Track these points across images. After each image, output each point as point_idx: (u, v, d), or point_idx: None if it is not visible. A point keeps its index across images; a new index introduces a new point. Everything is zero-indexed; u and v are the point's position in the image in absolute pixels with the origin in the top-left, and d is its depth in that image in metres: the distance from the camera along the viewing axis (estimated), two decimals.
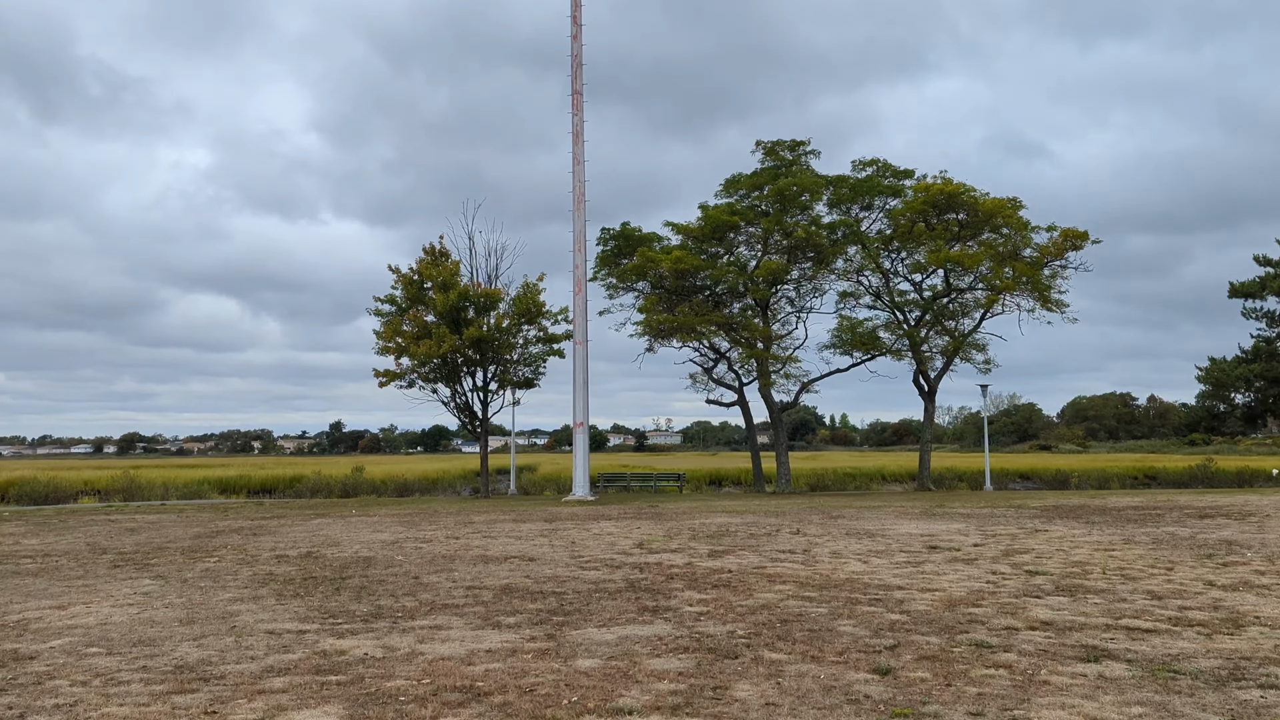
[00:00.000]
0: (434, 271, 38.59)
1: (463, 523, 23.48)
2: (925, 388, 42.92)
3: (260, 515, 28.56)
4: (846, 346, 40.93)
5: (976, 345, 41.84)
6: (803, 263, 41.52)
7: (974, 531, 19.11)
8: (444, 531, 20.69)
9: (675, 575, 12.94)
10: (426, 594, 11.62)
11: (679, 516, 24.65)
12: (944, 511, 25.47)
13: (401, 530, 21.30)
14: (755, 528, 20.58)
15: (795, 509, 27.62)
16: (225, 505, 36.66)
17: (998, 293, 39.76)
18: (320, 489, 48.52)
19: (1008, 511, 25.07)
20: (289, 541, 18.94)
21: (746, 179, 41.46)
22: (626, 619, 9.69)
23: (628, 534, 19.52)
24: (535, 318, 39.59)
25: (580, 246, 36.12)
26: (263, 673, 7.61)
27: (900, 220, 41.19)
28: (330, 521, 25.01)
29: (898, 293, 42.70)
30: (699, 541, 17.62)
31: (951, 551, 15.52)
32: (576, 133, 36.36)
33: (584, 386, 35.75)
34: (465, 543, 17.98)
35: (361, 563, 15.02)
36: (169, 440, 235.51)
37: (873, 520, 22.48)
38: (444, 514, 27.37)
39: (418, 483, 51.18)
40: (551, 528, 21.39)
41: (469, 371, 39.95)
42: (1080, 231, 39.25)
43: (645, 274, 40.83)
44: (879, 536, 18.20)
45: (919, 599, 10.67)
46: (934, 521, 21.93)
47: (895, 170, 41.94)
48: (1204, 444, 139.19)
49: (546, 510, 28.64)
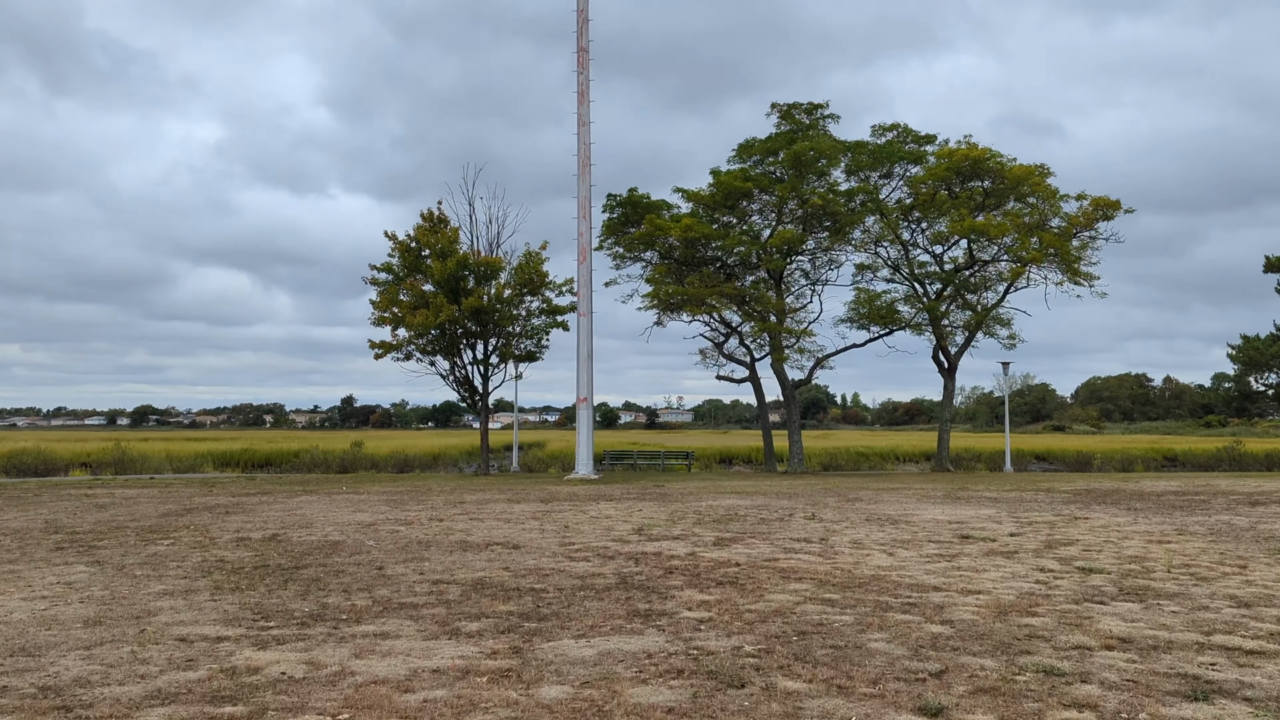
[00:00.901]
0: (432, 239, 36.90)
1: (453, 502, 21.93)
2: (945, 364, 41.06)
3: (245, 491, 27.10)
4: (864, 320, 39.05)
5: (1000, 320, 39.88)
6: (819, 232, 39.63)
7: (1006, 518, 17.44)
8: (429, 512, 19.14)
9: (675, 569, 11.32)
10: (385, 589, 10.03)
11: (685, 498, 23.05)
12: (968, 495, 23.79)
13: (385, 510, 19.76)
14: (766, 511, 18.96)
15: (809, 490, 25.99)
16: (215, 480, 35.26)
17: (1024, 265, 37.76)
18: (318, 464, 47.08)
19: (1037, 495, 23.38)
20: (259, 522, 17.41)
21: (761, 144, 39.49)
22: (612, 627, 8.07)
23: (627, 517, 17.92)
24: (538, 288, 37.89)
25: (585, 213, 34.39)
26: (143, 700, 6.02)
27: (921, 188, 39.23)
28: (314, 499, 23.51)
29: (917, 264, 40.78)
30: (704, 527, 16.00)
31: (986, 542, 13.86)
32: (582, 92, 34.55)
33: (588, 360, 34.12)
34: (448, 526, 16.40)
35: (326, 548, 13.45)
36: (181, 413, 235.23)
37: (893, 504, 20.83)
38: (436, 492, 25.85)
39: (419, 459, 49.72)
40: (546, 509, 19.81)
41: (468, 344, 38.33)
42: (1112, 200, 37.24)
43: (653, 243, 39.03)
44: (903, 523, 16.55)
45: (961, 604, 9.02)
46: (960, 506, 20.26)
47: (916, 136, 39.85)
48: (1220, 425, 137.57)
49: (545, 489, 27.09)
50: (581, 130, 34.52)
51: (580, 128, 34.46)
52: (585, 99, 34.53)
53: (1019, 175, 37.43)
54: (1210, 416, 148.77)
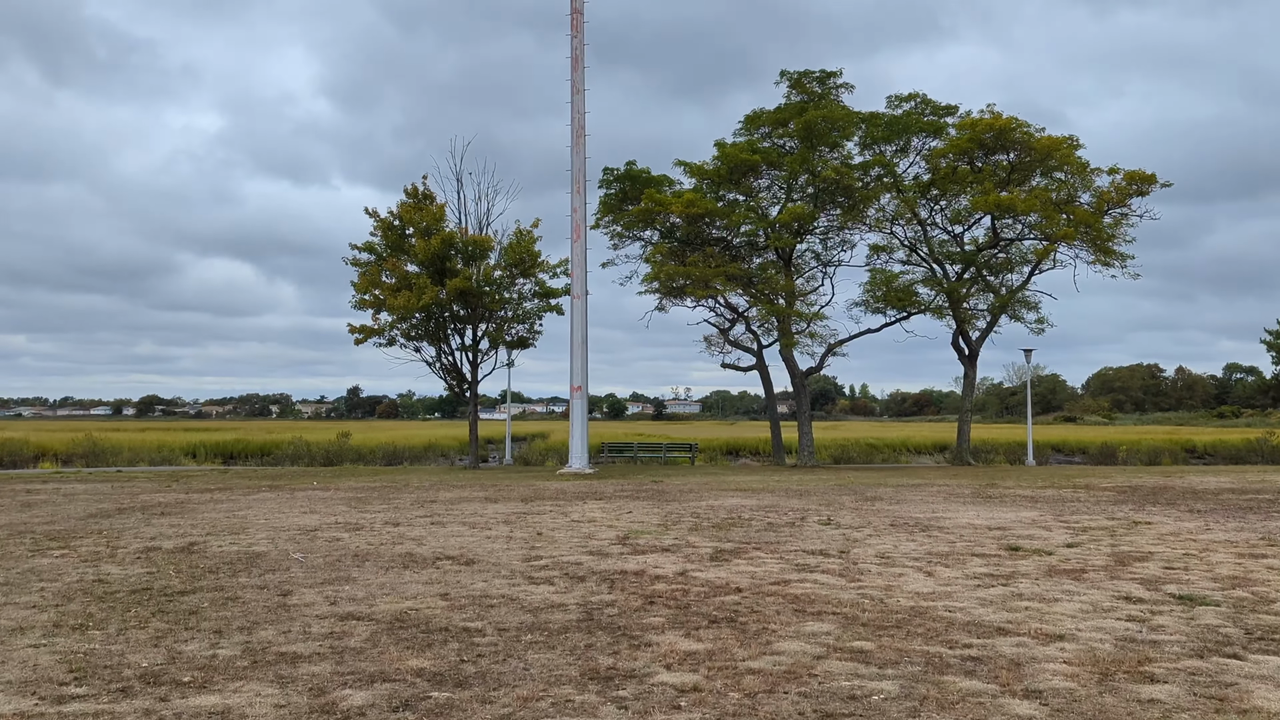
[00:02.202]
0: (416, 216, 34.46)
1: (423, 501, 19.54)
2: (966, 350, 38.45)
3: (205, 486, 24.79)
4: (880, 303, 36.43)
5: (1027, 303, 37.22)
6: (831, 209, 36.99)
7: (1054, 523, 14.98)
8: (389, 514, 16.76)
9: (658, 597, 8.89)
10: (273, 629, 7.63)
11: (684, 496, 20.63)
12: (1000, 493, 21.32)
13: (341, 511, 17.39)
14: (775, 514, 16.53)
15: (822, 487, 23.55)
16: (182, 474, 32.95)
17: (1055, 243, 35.06)
18: (301, 456, 44.79)
19: (1078, 494, 20.90)
20: (187, 526, 15.05)
21: (769, 114, 36.77)
22: (554, 701, 5.65)
23: (614, 520, 15.52)
24: (530, 269, 35.46)
25: (579, 187, 31.91)
26: None
27: (941, 162, 36.56)
28: (272, 497, 21.17)
29: (937, 244, 38.09)
30: (701, 534, 13.58)
31: (1041, 556, 11.42)
32: (576, 57, 32.04)
33: (582, 346, 31.68)
34: (401, 532, 14.01)
35: (240, 564, 11.07)
36: (188, 403, 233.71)
37: (919, 504, 18.38)
38: (410, 489, 23.48)
39: (408, 451, 47.39)
40: (524, 510, 17.41)
41: (456, 329, 35.92)
42: (1147, 174, 34.51)
43: (653, 221, 36.45)
44: (935, 530, 14.10)
45: (1043, 659, 6.57)
46: (995, 507, 17.81)
47: (936, 106, 37.06)
48: (1234, 416, 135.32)
49: (533, 485, 24.69)
50: (575, 98, 32.02)
51: (574, 95, 31.96)
52: (579, 65, 32.03)
53: (1047, 146, 34.71)
54: (1224, 407, 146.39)
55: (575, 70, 31.97)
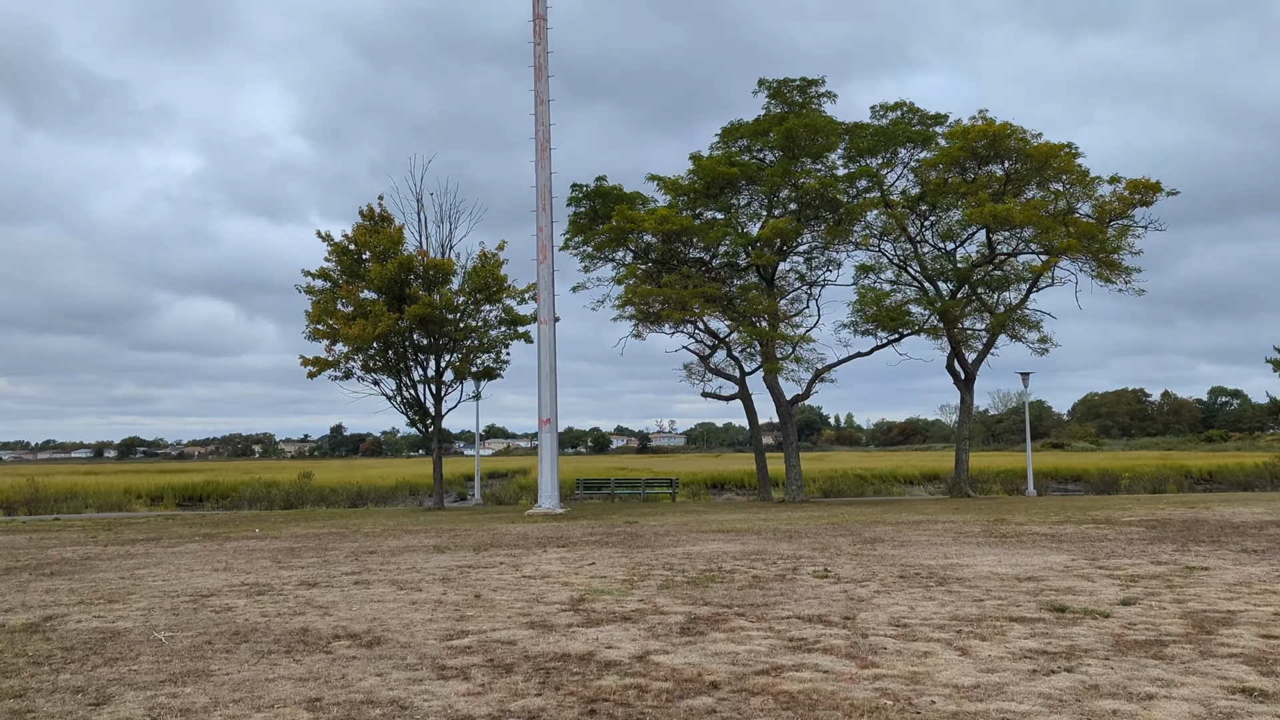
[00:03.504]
0: (372, 239, 32.12)
1: (360, 552, 17.09)
2: (962, 374, 36.17)
3: (128, 538, 22.22)
4: (869, 324, 34.09)
5: (1027, 321, 34.99)
6: (816, 225, 34.75)
7: (1092, 570, 12.67)
8: (312, 571, 14.32)
9: (603, 700, 6.51)
10: None
11: (658, 540, 18.24)
12: (1014, 531, 19.00)
13: (260, 568, 14.94)
14: (761, 562, 14.16)
15: (813, 526, 21.19)
16: (120, 521, 30.32)
17: (1056, 255, 32.85)
18: (260, 499, 42.12)
19: (1101, 531, 18.60)
20: (64, 592, 12.60)
21: (748, 126, 34.56)
22: None
23: (573, 574, 13.13)
24: (496, 295, 33.13)
25: (545, 203, 29.68)
26: None
27: (931, 174, 34.47)
28: (195, 549, 18.72)
29: (929, 261, 35.83)
30: (673, 593, 11.20)
31: (1097, 619, 9.10)
32: (539, 66, 29.92)
33: (550, 375, 29.33)
34: (312, 597, 11.59)
35: (82, 649, 8.64)
36: (170, 444, 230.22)
37: (926, 546, 16.03)
38: (358, 535, 21.05)
39: (374, 491, 44.75)
40: (473, 562, 15.00)
41: (417, 360, 33.47)
42: (1151, 182, 32.44)
43: (625, 240, 34.13)
44: (953, 582, 11.76)
45: None
46: (1015, 549, 15.48)
47: (924, 115, 35.01)
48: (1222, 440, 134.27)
49: (493, 530, 22.25)
50: (540, 108, 29.88)
51: (538, 105, 29.82)
52: (543, 74, 29.90)
53: (1045, 153, 32.64)
54: (1212, 431, 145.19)
55: (539, 79, 29.85)
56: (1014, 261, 35.81)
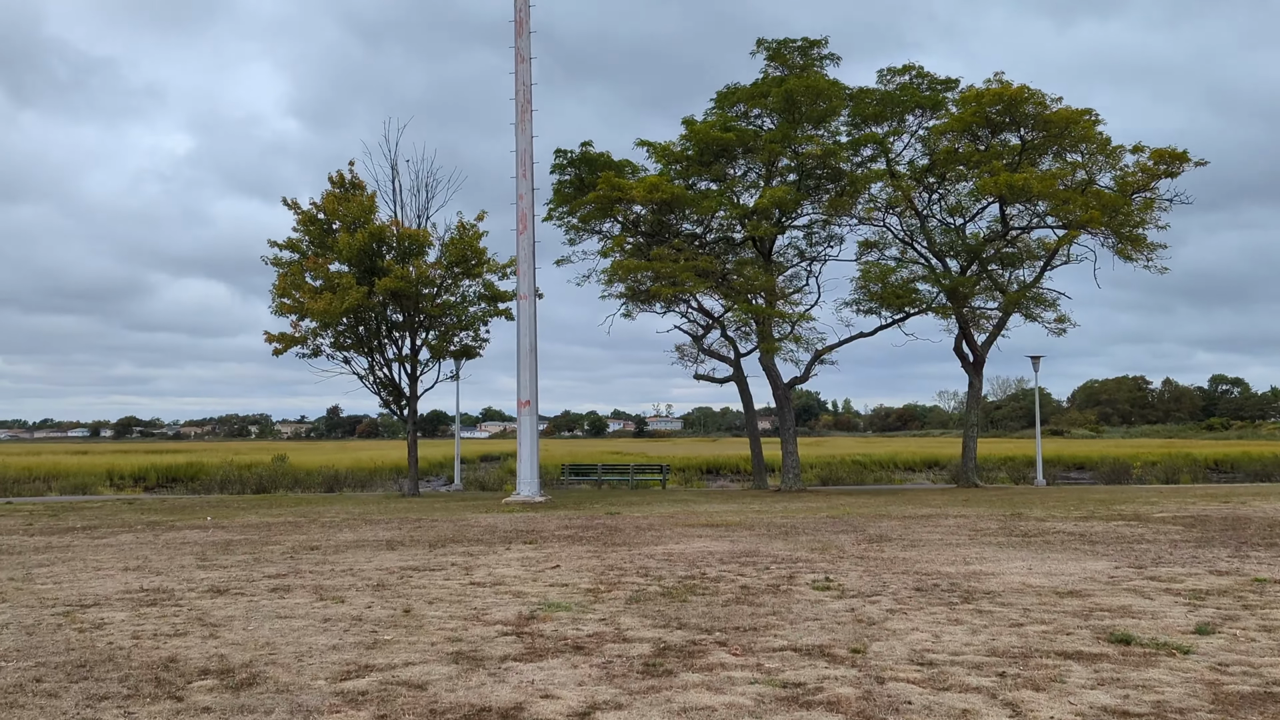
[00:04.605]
0: (342, 207, 30.03)
1: (301, 549, 15.12)
2: (971, 357, 34.08)
3: (66, 526, 20.30)
4: (874, 301, 31.98)
5: (1043, 300, 32.88)
6: (817, 195, 32.59)
7: (1143, 582, 10.71)
8: (233, 574, 12.35)
9: None
10: None
11: (639, 536, 16.27)
12: (1036, 529, 17.04)
13: (180, 566, 12.99)
14: (752, 566, 12.20)
15: (811, 520, 19.24)
16: (74, 505, 28.37)
17: (1076, 229, 30.67)
18: (232, 482, 40.15)
19: (1134, 530, 16.64)
20: None
21: (745, 90, 32.26)
22: None
23: (530, 581, 11.17)
24: (475, 269, 31.08)
25: (525, 169, 27.60)
26: None
27: (941, 142, 32.28)
28: (126, 541, 16.82)
29: (938, 235, 33.56)
30: (643, 609, 9.22)
31: (1177, 657, 7.13)
32: (520, 21, 27.78)
33: (530, 354, 27.31)
34: (205, 611, 9.61)
35: None
36: (166, 425, 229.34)
37: (940, 547, 14.07)
38: (307, 528, 19.09)
39: (352, 475, 42.74)
40: (422, 563, 13.04)
41: (390, 337, 31.44)
42: (1178, 152, 30.24)
43: (612, 210, 31.97)
44: (980, 596, 9.79)
45: None
46: (1043, 552, 13.51)
47: (934, 80, 32.74)
48: (1223, 429, 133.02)
49: (460, 521, 20.29)
50: (520, 67, 27.75)
51: (519, 64, 27.69)
52: (524, 29, 27.77)
53: (1065, 120, 30.42)
54: (1213, 419, 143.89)
55: (520, 35, 27.70)
56: (1027, 238, 33.69)
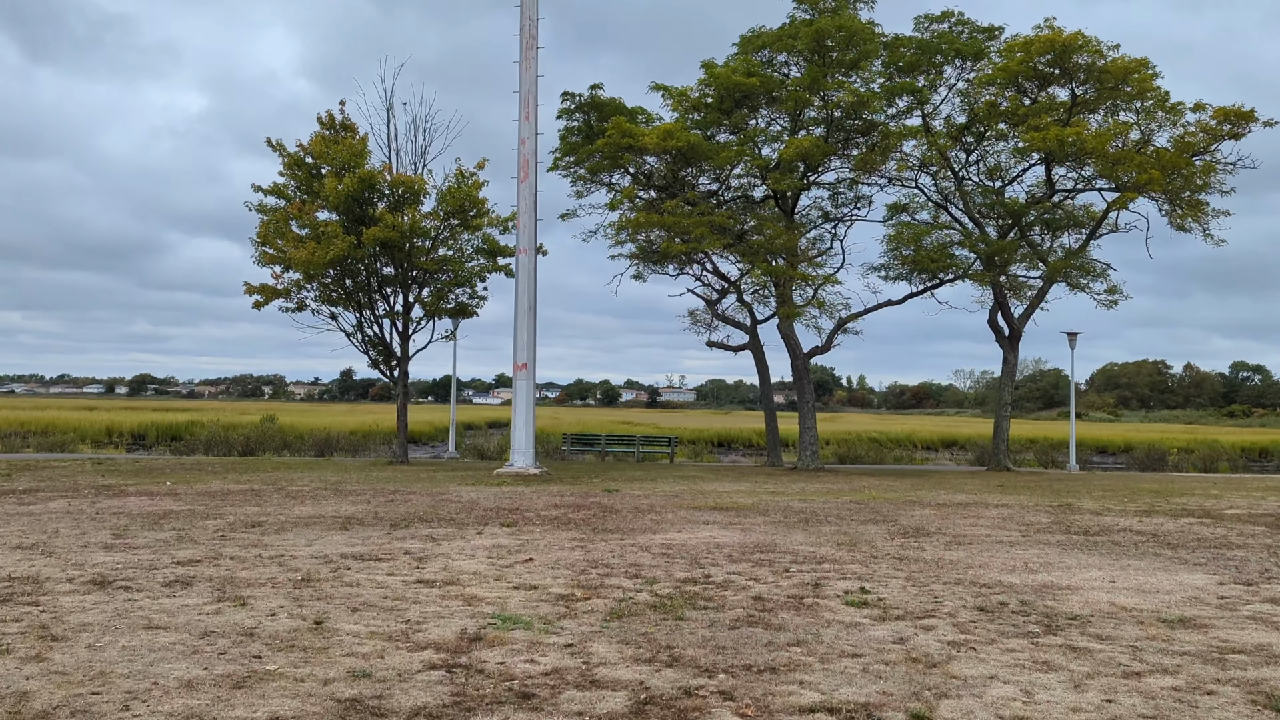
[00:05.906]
0: (331, 150, 27.74)
1: (239, 525, 12.98)
2: (1006, 330, 31.55)
3: (7, 489, 18.24)
4: (905, 266, 29.47)
5: (1090, 269, 30.30)
6: (846, 150, 29.98)
7: (1265, 605, 8.43)
8: (139, 555, 10.23)
9: None
10: None
11: (635, 521, 14.06)
12: (1096, 525, 14.74)
13: (85, 545, 10.90)
14: (767, 567, 9.96)
15: (833, 505, 16.99)
16: (35, 463, 26.46)
17: (1132, 191, 27.98)
18: (217, 443, 38.18)
19: (1211, 528, 14.33)
20: None
21: (771, 34, 29.45)
22: None
23: (493, 580, 8.98)
24: (474, 221, 28.78)
25: (529, 112, 25.23)
26: None
27: (983, 95, 29.59)
28: (56, 508, 14.91)
29: (976, 196, 30.82)
30: (624, 633, 7.00)
31: None
32: None
33: (529, 313, 25.08)
34: (56, 615, 7.46)
35: None
36: (181, 383, 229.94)
37: (992, 546, 11.80)
38: (267, 498, 16.99)
39: (345, 439, 40.71)
40: (371, 549, 10.87)
41: (381, 292, 29.21)
42: (1244, 110, 27.51)
43: (622, 160, 29.46)
44: (1068, 625, 7.52)
45: None
46: (1120, 558, 11.23)
47: (976, 27, 30.00)
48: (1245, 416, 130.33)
49: (440, 495, 18.14)
50: (525, 1, 25.33)
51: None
52: None
53: (1123, 70, 27.67)
54: (1234, 406, 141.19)
55: None
56: (1072, 203, 31.04)
